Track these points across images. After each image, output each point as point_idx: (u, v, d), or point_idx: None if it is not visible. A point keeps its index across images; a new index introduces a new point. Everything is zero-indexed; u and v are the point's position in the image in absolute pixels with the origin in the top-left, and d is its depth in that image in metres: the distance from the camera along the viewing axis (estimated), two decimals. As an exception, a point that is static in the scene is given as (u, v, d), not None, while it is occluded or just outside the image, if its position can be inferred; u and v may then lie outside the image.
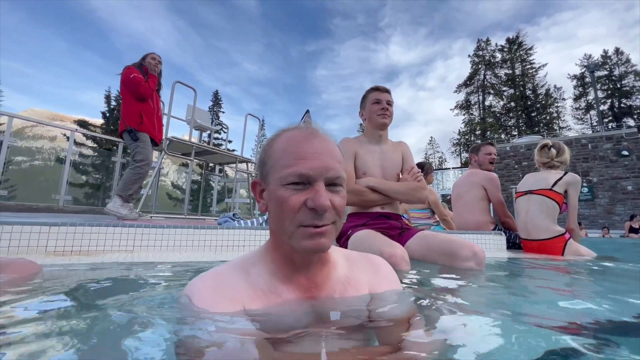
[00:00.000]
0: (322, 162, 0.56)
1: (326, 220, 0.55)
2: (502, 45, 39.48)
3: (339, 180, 0.58)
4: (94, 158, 14.44)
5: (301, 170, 0.55)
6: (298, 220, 0.55)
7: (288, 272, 0.61)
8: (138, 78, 2.95)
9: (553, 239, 2.17)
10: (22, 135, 15.31)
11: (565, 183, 2.19)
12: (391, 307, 0.64)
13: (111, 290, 0.85)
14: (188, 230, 1.69)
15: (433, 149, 47.13)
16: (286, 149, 0.58)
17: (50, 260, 1.25)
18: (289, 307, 0.58)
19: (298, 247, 0.56)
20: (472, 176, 2.78)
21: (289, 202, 0.54)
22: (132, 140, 2.99)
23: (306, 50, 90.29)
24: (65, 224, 1.44)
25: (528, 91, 37.59)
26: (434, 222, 3.60)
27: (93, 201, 11.54)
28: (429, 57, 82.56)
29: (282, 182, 0.56)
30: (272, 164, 0.59)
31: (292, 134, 0.61)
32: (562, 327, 0.67)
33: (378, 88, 1.88)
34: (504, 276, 1.49)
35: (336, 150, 0.61)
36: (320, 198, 0.53)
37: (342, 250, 0.73)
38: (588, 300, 1.05)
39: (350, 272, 0.68)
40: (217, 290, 0.57)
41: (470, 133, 40.01)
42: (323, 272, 0.64)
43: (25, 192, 8.51)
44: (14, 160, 8.80)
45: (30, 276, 0.88)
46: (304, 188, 0.55)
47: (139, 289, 0.88)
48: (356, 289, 0.66)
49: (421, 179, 1.79)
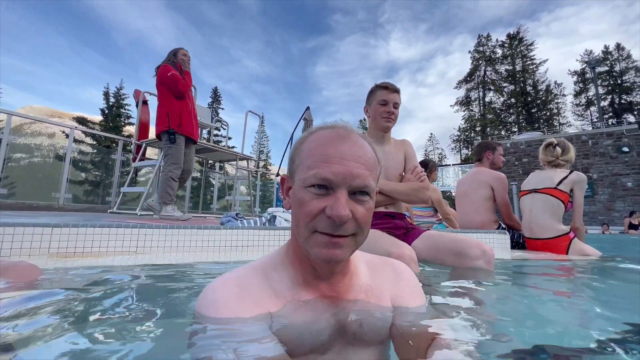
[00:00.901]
0: (347, 168, 0.52)
1: (343, 231, 0.51)
2: (502, 41, 39.31)
3: (365, 189, 0.53)
4: (93, 155, 14.39)
5: (323, 174, 0.51)
6: (314, 226, 0.52)
7: (309, 278, 0.59)
8: (176, 75, 2.96)
9: (557, 237, 2.16)
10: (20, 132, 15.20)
11: (571, 182, 2.18)
12: (414, 319, 0.62)
13: (120, 296, 0.84)
14: (192, 231, 1.68)
15: (433, 145, 47.09)
16: (313, 149, 0.55)
17: (54, 263, 1.24)
18: (312, 314, 0.56)
19: (311, 253, 0.53)
20: (480, 175, 2.70)
21: (308, 206, 0.52)
22: (169, 142, 3.01)
23: (306, 46, 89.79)
24: (67, 225, 1.42)
25: (528, 87, 37.51)
26: (436, 220, 3.59)
27: (93, 199, 11.53)
28: (429, 53, 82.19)
29: (304, 183, 0.53)
30: (299, 162, 0.56)
31: (323, 133, 0.57)
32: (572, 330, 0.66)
33: (387, 87, 1.79)
34: (510, 277, 1.48)
35: (368, 156, 0.56)
36: (339, 207, 0.49)
37: (364, 256, 0.70)
38: (593, 304, 1.04)
39: (372, 281, 0.65)
40: (242, 297, 0.54)
41: (470, 129, 39.97)
42: (345, 279, 0.61)
43: (24, 190, 8.48)
44: (13, 158, 8.74)
45: (31, 280, 0.86)
46: (326, 193, 0.52)
47: (151, 294, 0.86)
48: (378, 299, 0.63)
49: (424, 178, 1.77)
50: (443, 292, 1.03)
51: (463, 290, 1.06)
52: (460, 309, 0.85)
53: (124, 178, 5.59)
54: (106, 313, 0.71)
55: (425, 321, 0.62)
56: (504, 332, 0.66)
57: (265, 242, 1.84)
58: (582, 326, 0.76)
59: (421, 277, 1.24)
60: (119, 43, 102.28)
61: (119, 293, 0.88)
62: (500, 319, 0.75)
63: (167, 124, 2.98)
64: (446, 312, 0.79)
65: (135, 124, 5.54)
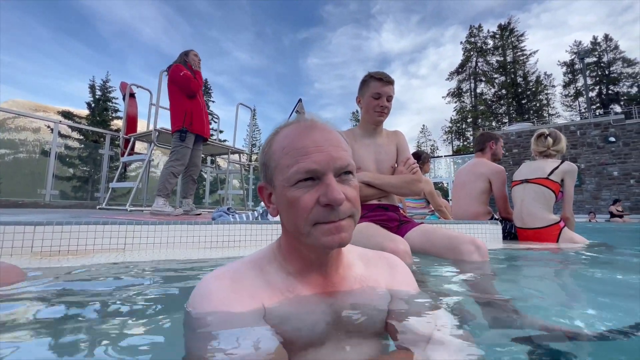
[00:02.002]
0: (327, 153, 0.52)
1: (342, 215, 0.51)
2: (493, 32, 39.40)
3: (348, 168, 0.54)
4: (80, 150, 14.03)
5: (306, 166, 0.51)
6: (313, 219, 0.51)
7: (304, 272, 0.59)
8: (188, 74, 3.06)
9: (548, 227, 2.19)
10: (3, 127, 14.72)
11: (562, 172, 2.19)
12: (411, 309, 0.62)
13: (107, 296, 0.81)
14: (181, 227, 1.64)
15: (425, 137, 47.38)
16: (286, 147, 0.54)
17: (37, 263, 1.19)
18: (307, 306, 0.56)
19: (317, 245, 0.52)
20: (480, 167, 2.67)
21: (301, 202, 0.51)
22: (179, 140, 3.13)
23: (298, 38, 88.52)
24: (51, 222, 1.37)
25: (519, 78, 37.84)
26: (429, 211, 3.61)
27: (82, 195, 11.28)
28: (421, 44, 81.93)
29: (289, 182, 0.52)
30: (275, 165, 0.55)
31: (289, 130, 0.57)
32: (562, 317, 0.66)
33: (382, 78, 1.75)
34: (501, 268, 1.49)
35: (339, 139, 0.57)
36: (334, 192, 0.50)
37: (357, 249, 0.70)
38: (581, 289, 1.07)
39: (366, 271, 0.65)
40: (236, 290, 0.54)
41: (462, 121, 40.28)
42: (339, 271, 0.61)
43: (10, 186, 8.24)
44: None
45: (12, 282, 0.82)
46: (314, 184, 0.52)
47: (140, 293, 0.83)
48: (374, 289, 0.63)
49: (417, 170, 1.76)
50: (438, 283, 1.02)
51: (458, 281, 1.05)
52: (456, 299, 0.85)
53: (113, 173, 5.47)
54: (92, 312, 0.68)
55: (423, 311, 0.61)
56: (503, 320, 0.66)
57: (257, 236, 1.82)
58: (572, 309, 0.77)
59: (415, 269, 1.23)
60: (104, 34, 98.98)
61: (105, 292, 0.85)
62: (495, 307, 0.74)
63: (181, 123, 3.12)
64: (443, 302, 0.78)
65: (123, 117, 5.40)
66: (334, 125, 0.61)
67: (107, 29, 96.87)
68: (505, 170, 2.60)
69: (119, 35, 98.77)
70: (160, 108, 4.67)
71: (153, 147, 4.57)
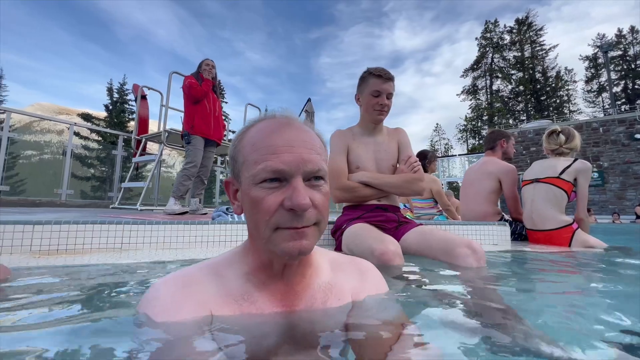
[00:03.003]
0: (298, 155, 0.49)
1: (307, 222, 0.49)
2: (510, 27, 38.20)
3: (319, 173, 0.51)
4: (98, 151, 14.49)
5: (274, 166, 0.48)
6: (275, 223, 0.48)
7: (265, 278, 0.56)
8: (192, 82, 3.36)
9: (560, 229, 2.08)
10: (30, 129, 15.44)
11: (575, 170, 2.08)
12: (375, 317, 0.59)
13: (80, 296, 0.80)
14: (178, 227, 1.65)
15: (439, 135, 46.52)
16: (256, 142, 0.51)
17: (35, 261, 1.22)
18: (261, 316, 0.53)
19: (277, 251, 0.50)
20: (489, 165, 2.57)
21: (264, 203, 0.48)
22: (185, 143, 3.41)
23: (309, 37, 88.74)
24: (49, 222, 1.40)
25: (537, 74, 36.56)
26: (437, 211, 3.52)
27: (100, 194, 11.69)
28: (435, 41, 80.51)
29: (255, 180, 0.49)
30: (243, 160, 0.53)
31: (262, 125, 0.54)
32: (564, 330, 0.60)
33: (381, 75, 1.68)
34: (505, 272, 1.41)
35: (314, 141, 0.54)
36: (299, 196, 0.47)
37: (329, 254, 0.67)
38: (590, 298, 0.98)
39: (333, 279, 0.62)
40: (184, 296, 0.51)
41: (477, 119, 39.29)
42: (304, 278, 0.58)
43: (34, 186, 8.62)
44: (24, 155, 8.88)
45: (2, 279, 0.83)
46: (280, 186, 0.49)
47: (113, 294, 0.82)
48: (338, 298, 0.60)
49: (418, 169, 1.70)
50: (424, 289, 0.97)
51: (447, 288, 1.00)
52: (437, 306, 0.80)
53: (127, 173, 5.60)
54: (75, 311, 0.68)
55: (388, 321, 0.58)
56: (486, 330, 0.61)
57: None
58: (575, 322, 0.70)
59: (407, 271, 1.19)
60: (122, 37, 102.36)
61: (90, 291, 0.85)
62: (482, 317, 0.69)
63: (185, 126, 3.43)
64: (421, 310, 0.74)
65: (135, 119, 5.53)
66: (312, 127, 0.58)
67: (124, 32, 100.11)
68: (517, 169, 2.50)
69: (136, 39, 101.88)
70: (170, 109, 4.76)
71: (162, 148, 4.66)
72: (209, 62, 3.58)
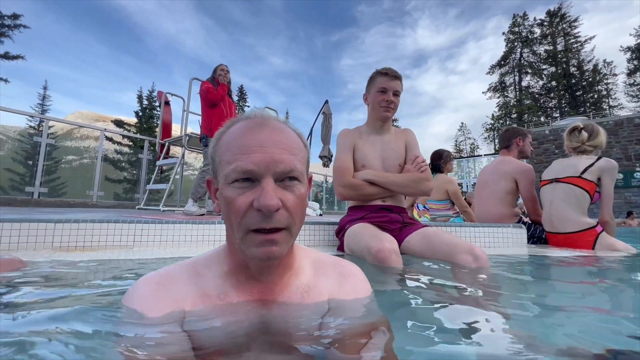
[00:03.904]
0: (269, 155, 0.50)
1: (276, 223, 0.49)
2: (541, 20, 36.21)
3: (292, 174, 0.51)
4: (129, 155, 15.31)
5: (244, 166, 0.49)
6: (246, 224, 0.49)
7: (242, 278, 0.57)
8: (208, 87, 3.52)
9: (582, 232, 1.94)
10: (71, 136, 16.70)
11: (598, 169, 1.93)
12: (349, 321, 0.58)
13: (79, 286, 0.86)
14: (187, 225, 1.72)
15: (464, 135, 44.95)
16: (230, 142, 0.52)
17: (57, 256, 1.32)
18: (235, 314, 0.54)
19: (248, 254, 0.51)
20: (504, 165, 2.45)
21: (235, 203, 0.49)
22: (203, 146, 3.61)
23: (330, 40, 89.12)
24: (69, 220, 1.51)
25: (572, 68, 34.34)
26: (453, 213, 3.41)
27: (131, 195, 12.39)
28: (460, 39, 78.13)
29: (227, 180, 0.50)
30: (219, 160, 0.54)
31: (238, 125, 0.55)
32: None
33: (387, 73, 1.70)
34: (517, 278, 1.34)
35: (290, 141, 0.54)
36: (266, 196, 0.47)
37: (315, 255, 0.67)
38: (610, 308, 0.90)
39: (313, 280, 0.62)
40: (158, 293, 0.54)
41: (505, 117, 37.52)
42: (283, 279, 0.59)
43: (74, 188, 9.27)
44: (65, 159, 9.60)
45: (13, 270, 0.92)
46: (252, 186, 0.50)
47: (109, 286, 0.88)
48: (314, 300, 0.59)
49: (425, 169, 1.66)
50: (418, 291, 0.95)
51: (443, 292, 0.97)
52: (426, 308, 0.78)
53: (157, 176, 5.88)
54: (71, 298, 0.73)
55: (362, 325, 0.57)
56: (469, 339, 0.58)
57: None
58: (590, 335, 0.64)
59: (404, 272, 1.16)
60: (153, 47, 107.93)
61: (90, 283, 0.91)
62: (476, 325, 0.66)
63: (204, 130, 3.62)
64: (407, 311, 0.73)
65: (159, 124, 5.81)
66: (291, 126, 0.58)
67: (155, 43, 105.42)
68: (546, 166, 2.34)
69: (166, 48, 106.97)
70: (190, 113, 4.97)
71: (184, 151, 4.86)
72: (224, 67, 3.71)
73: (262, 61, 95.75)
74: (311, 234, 1.91)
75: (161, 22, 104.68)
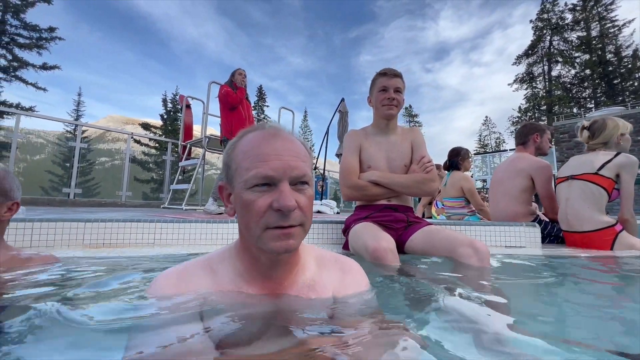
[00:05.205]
0: (285, 162, 0.56)
1: (292, 222, 0.55)
2: (573, 4, 33.93)
3: (304, 178, 0.58)
4: (156, 157, 16.00)
5: (263, 172, 0.55)
6: (264, 223, 0.55)
7: (255, 274, 0.63)
8: (227, 90, 3.67)
9: (599, 231, 1.87)
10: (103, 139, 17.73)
11: (617, 166, 1.85)
12: (352, 312, 0.63)
13: (119, 280, 0.96)
14: (203, 225, 1.83)
15: (489, 129, 43.20)
16: (248, 151, 0.58)
17: (87, 253, 1.46)
18: (248, 307, 0.60)
19: (266, 249, 0.56)
20: (520, 162, 2.39)
21: (255, 205, 0.55)
22: (223, 147, 3.92)
23: (349, 37, 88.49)
24: (97, 220, 1.66)
25: (609, 55, 31.96)
26: (468, 211, 3.35)
27: (157, 195, 13.03)
28: (484, 28, 75.01)
29: (247, 185, 0.56)
30: (236, 167, 0.59)
31: (253, 135, 0.60)
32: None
33: (386, 73, 1.75)
34: (514, 275, 1.33)
35: (300, 149, 0.60)
36: (285, 199, 0.53)
37: (316, 252, 0.73)
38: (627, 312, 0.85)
39: (317, 276, 0.67)
40: (179, 287, 0.60)
41: (533, 109, 35.62)
42: (291, 275, 0.65)
43: (106, 189, 9.89)
44: (98, 161, 10.24)
45: (49, 266, 1.04)
46: (269, 190, 0.55)
47: (132, 280, 0.98)
48: (320, 294, 0.65)
49: (431, 169, 1.68)
50: (413, 287, 0.99)
51: (437, 286, 1.00)
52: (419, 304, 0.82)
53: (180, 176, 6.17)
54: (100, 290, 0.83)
55: (364, 316, 0.62)
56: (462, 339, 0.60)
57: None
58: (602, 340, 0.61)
59: (402, 269, 1.20)
60: (177, 52, 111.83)
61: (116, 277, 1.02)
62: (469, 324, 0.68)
63: (224, 133, 3.80)
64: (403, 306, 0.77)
65: (181, 126, 6.07)
66: (297, 137, 0.64)
67: (179, 47, 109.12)
68: (568, 157, 2.25)
69: (189, 52, 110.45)
70: (210, 116, 5.17)
71: (205, 152, 5.07)
72: (242, 71, 3.84)
73: (281, 61, 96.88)
74: (318, 232, 1.97)
75: (184, 27, 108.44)
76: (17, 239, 1.51)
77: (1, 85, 18.81)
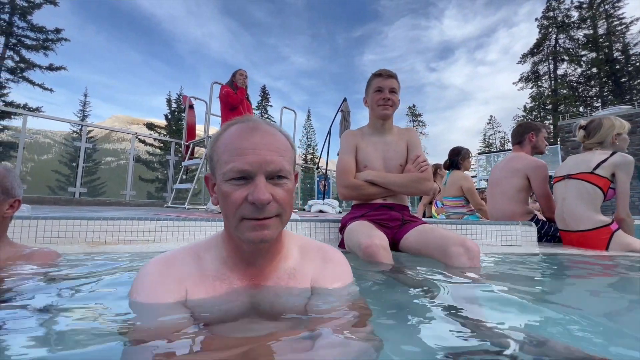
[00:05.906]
0: (261, 157, 0.57)
1: (268, 214, 0.57)
2: (579, 2, 33.52)
3: (281, 173, 0.59)
4: (160, 157, 16.12)
5: (240, 166, 0.57)
6: (240, 214, 0.58)
7: (237, 261, 0.66)
8: (228, 91, 3.72)
9: (595, 230, 1.88)
10: (109, 139, 17.92)
11: (612, 165, 1.85)
12: (330, 299, 0.66)
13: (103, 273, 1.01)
14: (201, 223, 1.87)
15: (493, 129, 42.87)
16: (227, 144, 0.60)
17: (89, 249, 1.51)
18: (230, 294, 0.63)
19: (243, 239, 0.59)
20: (516, 162, 2.40)
21: (231, 197, 0.57)
22: None
23: (352, 36, 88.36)
24: (99, 218, 1.71)
25: (616, 53, 31.52)
26: (467, 210, 3.35)
27: (161, 195, 13.16)
28: (489, 27, 74.42)
29: (225, 177, 0.58)
30: (217, 159, 0.61)
31: (235, 128, 0.62)
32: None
33: (381, 74, 1.78)
34: (503, 274, 1.33)
35: (279, 142, 0.61)
36: (259, 192, 0.55)
37: (302, 241, 0.75)
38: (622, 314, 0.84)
39: (299, 265, 0.70)
40: (165, 274, 0.63)
41: (538, 108, 35.27)
42: (273, 262, 0.68)
43: (112, 188, 10.01)
44: (104, 161, 10.35)
45: (52, 262, 1.08)
46: (246, 183, 0.58)
47: (126, 273, 1.02)
48: (299, 282, 0.68)
49: (426, 169, 1.70)
50: (401, 284, 1.01)
51: (428, 286, 1.02)
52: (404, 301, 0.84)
53: (183, 175, 6.24)
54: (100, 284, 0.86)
55: (341, 304, 0.64)
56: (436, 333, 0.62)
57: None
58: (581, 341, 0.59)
59: (395, 267, 1.22)
60: (181, 52, 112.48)
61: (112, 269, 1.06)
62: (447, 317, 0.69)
63: None
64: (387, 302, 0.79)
65: (184, 126, 6.13)
66: (280, 130, 0.66)
67: (183, 48, 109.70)
68: (572, 156, 2.23)
69: (193, 52, 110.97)
70: (212, 116, 5.22)
71: (207, 153, 5.12)
72: (243, 72, 3.88)
73: (285, 61, 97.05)
74: (318, 231, 2.01)
75: (188, 28, 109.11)
76: (23, 236, 1.56)
77: (9, 86, 19.10)
